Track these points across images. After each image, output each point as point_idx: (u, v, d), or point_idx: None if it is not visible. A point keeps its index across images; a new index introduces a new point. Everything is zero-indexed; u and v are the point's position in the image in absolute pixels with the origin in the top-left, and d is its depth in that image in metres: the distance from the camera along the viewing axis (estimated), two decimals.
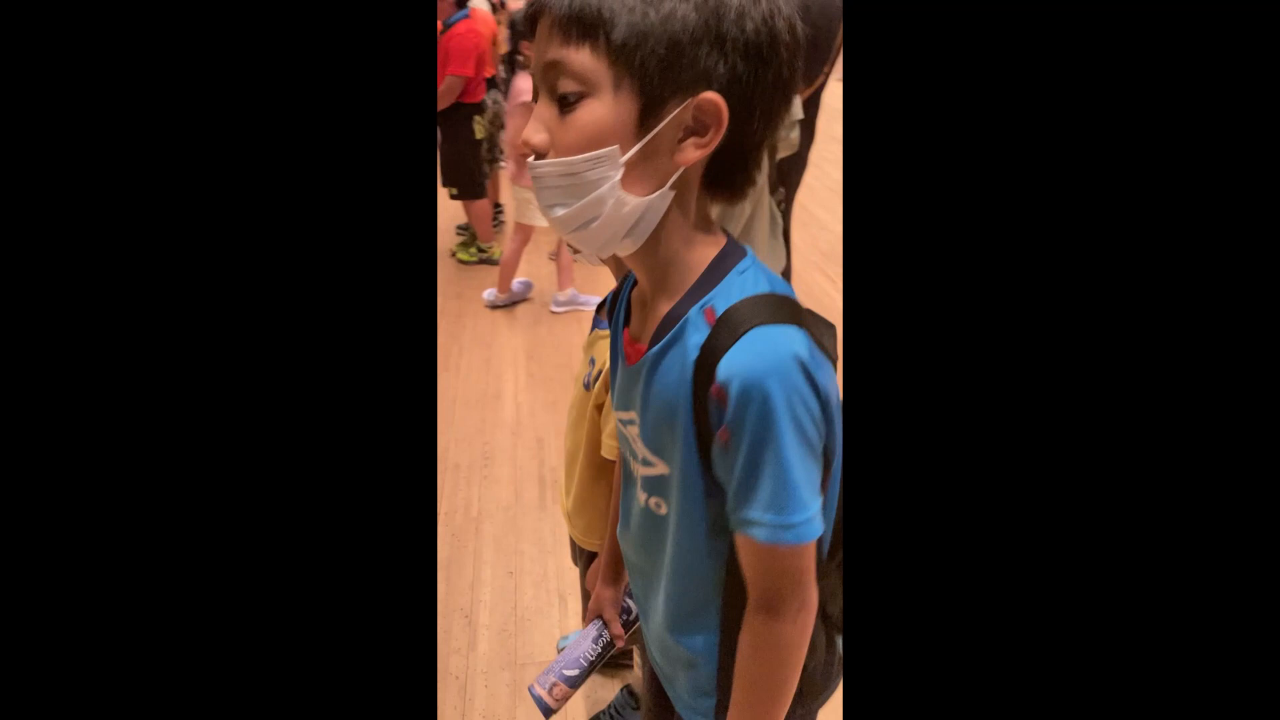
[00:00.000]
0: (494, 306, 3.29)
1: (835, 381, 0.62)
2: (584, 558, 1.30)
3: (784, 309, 0.59)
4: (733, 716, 0.70)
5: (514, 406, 2.65)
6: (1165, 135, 0.35)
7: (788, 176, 2.01)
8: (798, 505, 0.58)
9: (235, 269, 0.36)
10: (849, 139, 0.47)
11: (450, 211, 3.85)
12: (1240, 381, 0.34)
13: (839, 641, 0.78)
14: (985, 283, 0.39)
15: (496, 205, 3.93)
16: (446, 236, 3.94)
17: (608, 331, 1.13)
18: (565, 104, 0.56)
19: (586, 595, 1.31)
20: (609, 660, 0.97)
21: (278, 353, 0.37)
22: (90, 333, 0.35)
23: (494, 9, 3.76)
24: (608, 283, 3.00)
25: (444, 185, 3.47)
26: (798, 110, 1.68)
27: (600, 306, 1.18)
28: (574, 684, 0.90)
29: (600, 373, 1.10)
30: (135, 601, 0.35)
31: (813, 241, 3.30)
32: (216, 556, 0.36)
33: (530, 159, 0.58)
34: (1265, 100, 0.34)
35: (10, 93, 0.33)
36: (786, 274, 2.77)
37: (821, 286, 3.41)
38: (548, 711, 0.89)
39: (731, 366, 0.56)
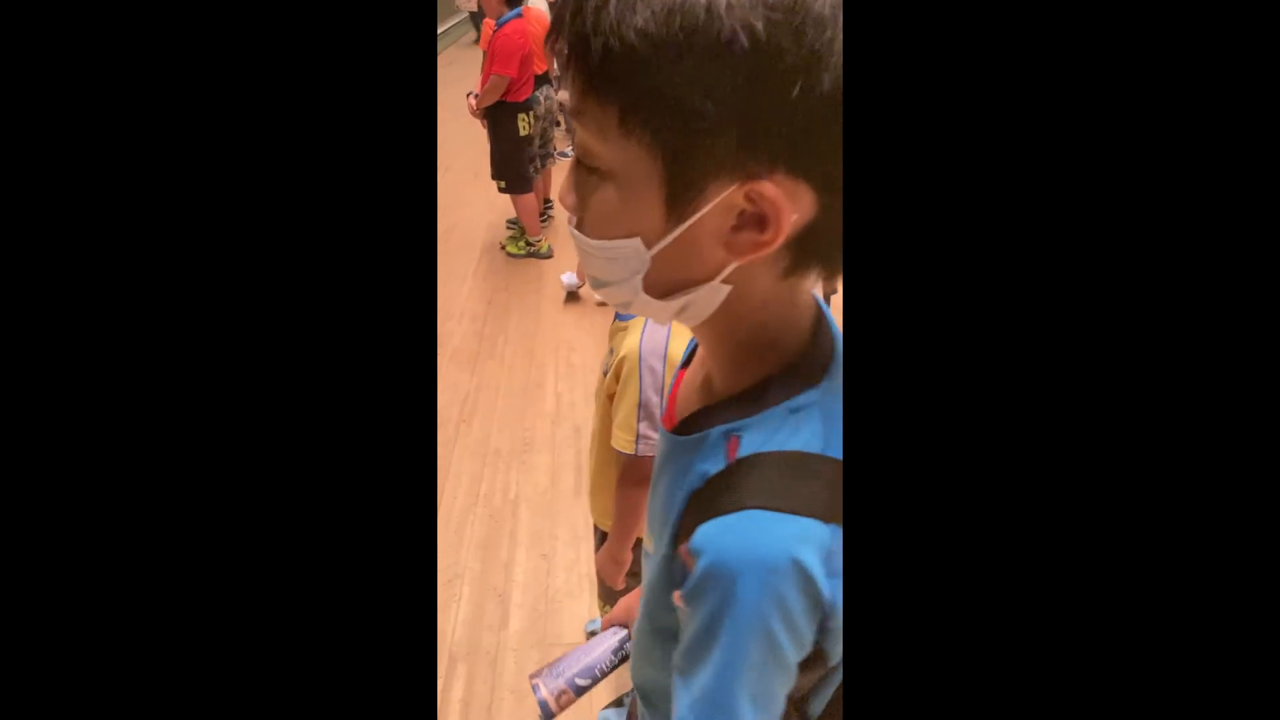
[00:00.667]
0: (572, 290, 3.38)
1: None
2: (596, 535, 1.35)
3: (815, 492, 0.45)
4: None
5: (554, 396, 2.72)
6: (1169, 142, 0.35)
7: None
8: None
9: (230, 258, 0.39)
10: (849, 140, 0.41)
11: (502, 205, 3.95)
12: (1242, 382, 0.34)
13: None
14: (990, 288, 0.37)
15: (546, 201, 4.01)
16: (498, 230, 4.05)
17: (627, 323, 1.18)
18: (587, 172, 0.44)
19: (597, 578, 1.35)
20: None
21: (274, 337, 0.40)
22: (76, 320, 0.36)
23: (550, 7, 3.84)
24: None
25: (493, 178, 3.58)
26: None
27: None
28: (581, 693, 0.85)
29: (616, 363, 1.15)
30: (137, 578, 0.38)
31: None
32: (214, 545, 0.39)
33: (571, 223, 0.47)
34: (1265, 100, 0.33)
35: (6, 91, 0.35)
36: None
37: None
38: (549, 715, 0.84)
39: (708, 539, 0.45)
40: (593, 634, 1.76)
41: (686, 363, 0.61)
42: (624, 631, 0.88)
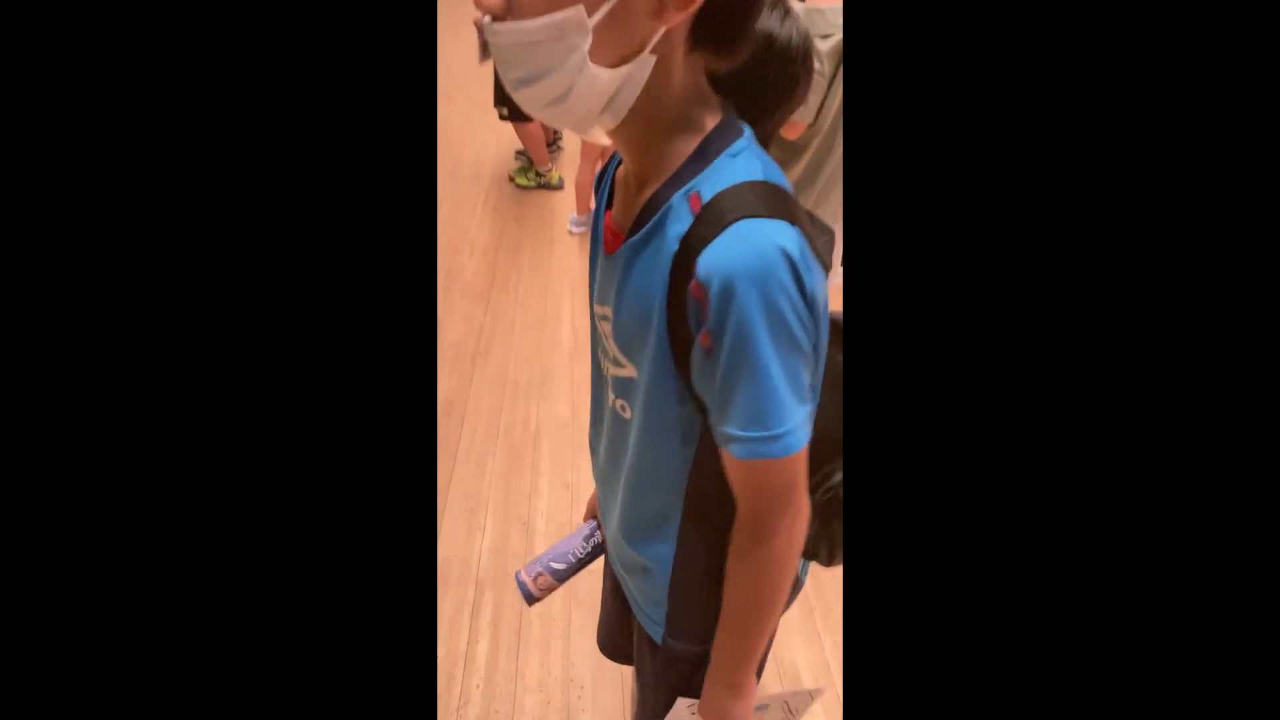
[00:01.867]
0: (579, 233, 3.29)
1: (824, 287, 0.57)
2: None
3: (776, 201, 0.53)
4: (721, 633, 0.67)
5: (571, 330, 2.70)
6: (1166, 138, 0.35)
7: None
8: (780, 415, 0.54)
9: (227, 217, 0.38)
10: (849, 136, 0.43)
11: (509, 137, 3.84)
12: (1241, 382, 0.34)
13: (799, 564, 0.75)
14: (988, 282, 0.39)
15: (555, 133, 3.90)
16: (506, 162, 3.95)
17: None
18: None
19: None
20: None
21: (269, 293, 0.38)
22: (58, 299, 0.36)
23: None
24: None
25: (495, 105, 3.47)
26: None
27: None
28: (559, 578, 0.91)
29: None
30: (142, 547, 0.37)
31: None
32: (216, 515, 0.38)
33: (485, 21, 0.49)
34: (1265, 100, 0.33)
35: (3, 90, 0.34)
36: None
37: None
38: (530, 599, 0.91)
39: (713, 262, 0.51)
40: None
41: (607, 205, 0.66)
42: (594, 522, 0.94)
